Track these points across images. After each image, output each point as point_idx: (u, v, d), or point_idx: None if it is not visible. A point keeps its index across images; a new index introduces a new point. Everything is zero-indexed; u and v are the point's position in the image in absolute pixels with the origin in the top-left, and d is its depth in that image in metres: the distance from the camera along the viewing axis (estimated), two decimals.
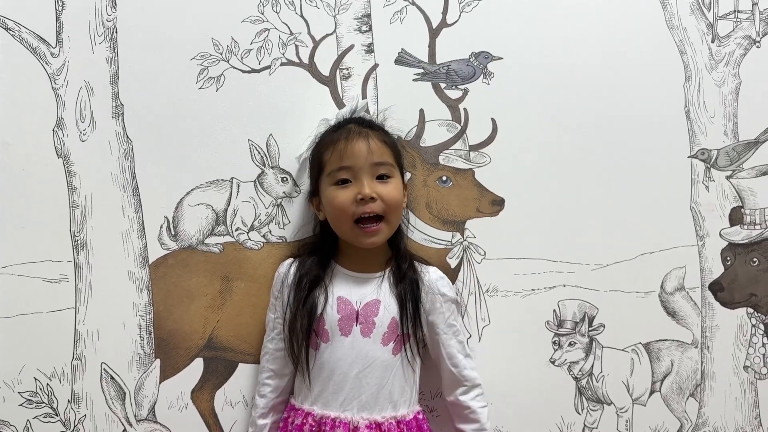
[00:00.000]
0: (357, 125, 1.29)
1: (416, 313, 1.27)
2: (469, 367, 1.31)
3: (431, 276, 1.31)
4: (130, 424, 1.35)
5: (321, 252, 1.32)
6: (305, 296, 1.26)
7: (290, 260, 1.33)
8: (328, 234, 1.32)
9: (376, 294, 1.27)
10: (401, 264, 1.30)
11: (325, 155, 1.27)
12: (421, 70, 1.40)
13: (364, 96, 1.39)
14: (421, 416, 1.29)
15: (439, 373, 1.32)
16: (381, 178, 1.25)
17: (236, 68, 1.37)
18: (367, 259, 1.30)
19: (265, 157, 1.37)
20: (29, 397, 1.34)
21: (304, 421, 1.24)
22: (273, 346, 1.30)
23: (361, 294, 1.27)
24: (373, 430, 1.22)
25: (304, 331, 1.25)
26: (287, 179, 1.37)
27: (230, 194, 1.37)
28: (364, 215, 1.23)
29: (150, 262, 1.35)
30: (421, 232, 1.40)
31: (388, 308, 1.26)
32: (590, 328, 1.41)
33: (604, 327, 1.42)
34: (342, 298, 1.27)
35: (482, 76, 1.41)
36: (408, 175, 1.38)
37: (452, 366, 1.29)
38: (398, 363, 1.26)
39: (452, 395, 1.31)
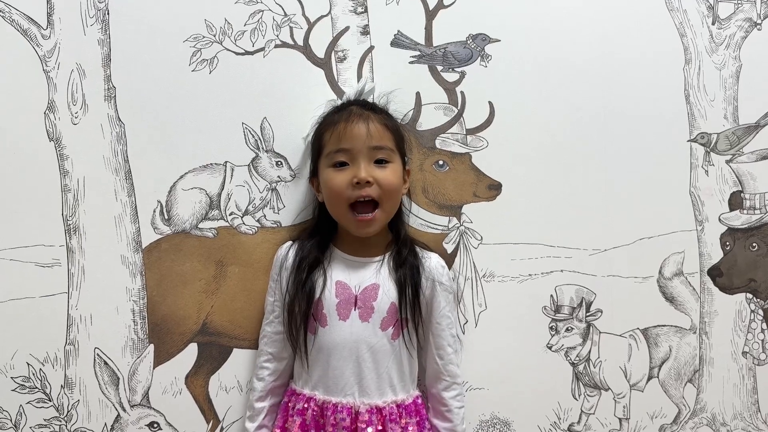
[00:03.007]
0: (359, 107, 1.27)
1: (416, 298, 1.26)
2: (455, 363, 1.30)
3: (432, 262, 1.30)
4: (124, 410, 1.34)
5: (320, 235, 1.30)
6: (304, 279, 1.25)
7: (289, 243, 1.32)
8: (327, 217, 1.30)
9: (375, 278, 1.26)
10: (402, 249, 1.29)
11: (325, 136, 1.26)
12: (418, 53, 1.38)
13: (359, 79, 1.37)
14: (419, 400, 1.29)
15: (423, 362, 1.31)
16: (379, 162, 1.23)
17: (230, 50, 1.35)
18: (366, 244, 1.29)
19: (259, 141, 1.35)
20: (22, 383, 1.33)
21: (306, 405, 1.23)
22: (271, 330, 1.29)
23: (359, 278, 1.26)
24: (374, 415, 1.21)
25: (302, 314, 1.24)
26: (282, 163, 1.36)
27: (224, 178, 1.35)
28: (359, 199, 1.22)
29: (143, 247, 1.34)
30: (418, 217, 1.38)
31: (387, 293, 1.25)
32: (588, 314, 1.40)
33: (601, 312, 1.41)
34: (340, 282, 1.26)
35: (479, 58, 1.39)
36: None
37: (438, 357, 1.28)
38: (397, 348, 1.25)
39: (435, 388, 1.30)
